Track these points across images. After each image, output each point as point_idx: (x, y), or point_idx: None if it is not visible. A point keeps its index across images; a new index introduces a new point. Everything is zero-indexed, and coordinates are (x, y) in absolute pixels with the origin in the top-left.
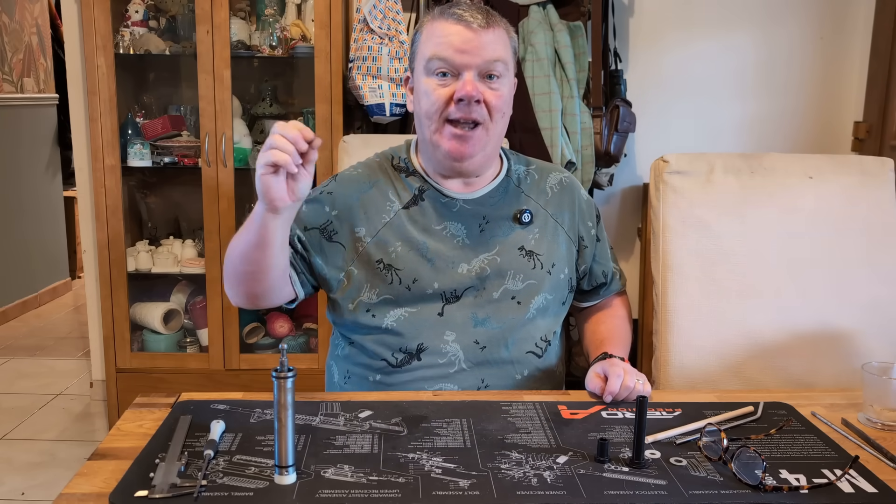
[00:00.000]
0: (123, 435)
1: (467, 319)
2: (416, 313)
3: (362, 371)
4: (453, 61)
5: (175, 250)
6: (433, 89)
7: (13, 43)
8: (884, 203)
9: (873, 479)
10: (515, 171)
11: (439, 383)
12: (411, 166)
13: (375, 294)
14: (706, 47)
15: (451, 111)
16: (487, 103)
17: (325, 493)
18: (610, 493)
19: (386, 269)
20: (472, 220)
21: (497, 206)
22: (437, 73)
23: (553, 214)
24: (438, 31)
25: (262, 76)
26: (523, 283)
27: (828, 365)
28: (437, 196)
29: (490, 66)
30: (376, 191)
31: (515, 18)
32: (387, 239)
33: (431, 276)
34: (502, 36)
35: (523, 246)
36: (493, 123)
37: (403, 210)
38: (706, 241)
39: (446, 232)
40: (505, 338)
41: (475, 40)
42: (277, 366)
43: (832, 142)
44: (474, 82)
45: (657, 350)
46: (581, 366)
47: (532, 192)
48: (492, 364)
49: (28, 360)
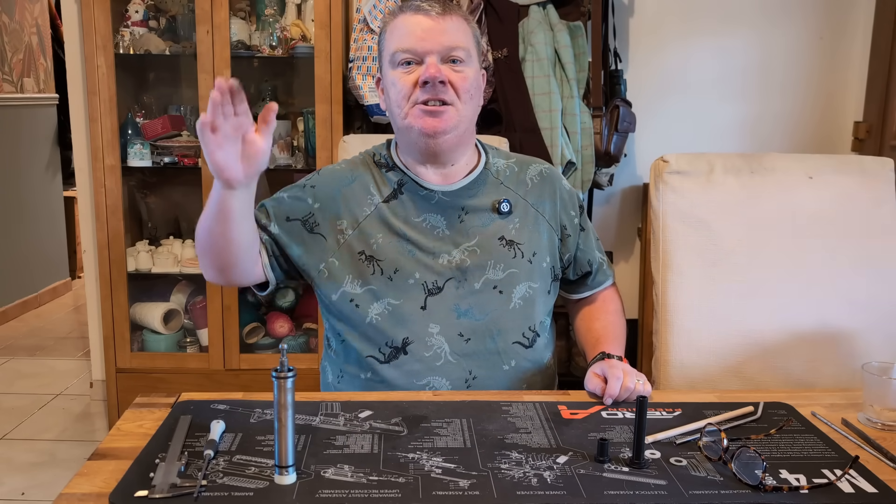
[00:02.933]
0: (123, 435)
1: (450, 311)
2: (399, 306)
3: (354, 369)
4: (415, 49)
5: (175, 250)
6: (399, 78)
7: (13, 43)
8: (884, 203)
9: (873, 479)
10: (494, 164)
11: (427, 377)
12: (391, 161)
13: (358, 285)
14: (706, 47)
15: (417, 94)
16: (453, 84)
17: (325, 493)
18: (610, 493)
19: (367, 260)
20: (452, 211)
21: (476, 198)
22: (402, 64)
23: (534, 204)
24: (399, 24)
25: (262, 76)
26: (504, 273)
27: (828, 365)
28: (416, 189)
29: (451, 51)
30: (358, 184)
31: (515, 18)
32: (368, 231)
33: (412, 266)
34: (461, 24)
35: (503, 235)
36: (463, 104)
37: (384, 203)
38: (706, 241)
39: (426, 224)
40: (489, 329)
41: (435, 27)
42: (277, 366)
43: (832, 142)
44: (437, 65)
45: (657, 350)
46: (581, 366)
47: (511, 183)
48: (478, 355)
49: (28, 360)
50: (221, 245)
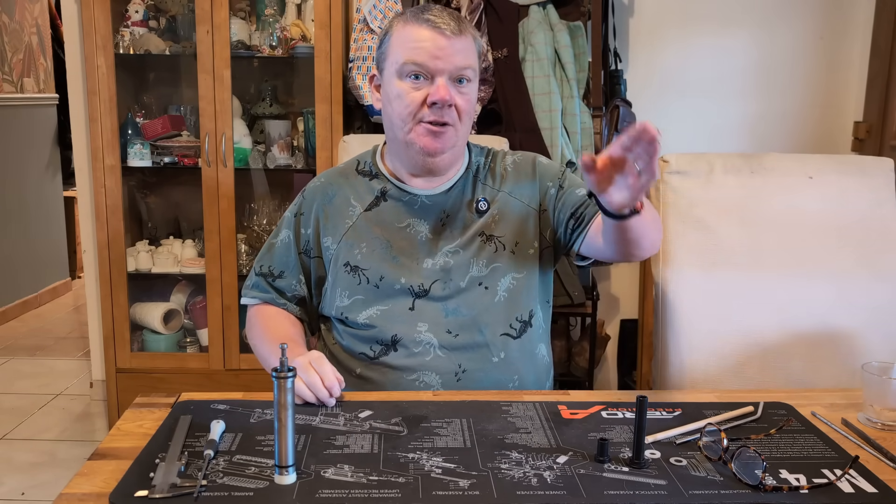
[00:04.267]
0: (123, 435)
1: (438, 311)
2: (387, 311)
3: (347, 366)
4: (427, 66)
5: (175, 250)
6: (407, 92)
7: (13, 43)
8: (884, 203)
9: (873, 479)
10: (476, 163)
11: (417, 371)
12: (375, 169)
13: (346, 297)
14: (706, 47)
15: (424, 114)
16: (457, 107)
17: (325, 493)
18: (610, 493)
19: (353, 270)
20: (433, 215)
21: (457, 199)
22: (410, 76)
23: (510, 192)
24: (411, 35)
25: (262, 76)
26: (488, 268)
27: (828, 365)
28: (400, 194)
29: (461, 72)
30: (339, 198)
31: (515, 18)
32: (351, 242)
33: (397, 273)
34: (471, 43)
35: (483, 231)
36: (462, 125)
37: (365, 212)
38: (706, 241)
39: (410, 229)
40: (476, 323)
41: (448, 47)
42: (277, 365)
43: (832, 142)
44: (447, 87)
45: (657, 350)
46: (581, 366)
47: (488, 180)
48: (467, 349)
49: (28, 360)
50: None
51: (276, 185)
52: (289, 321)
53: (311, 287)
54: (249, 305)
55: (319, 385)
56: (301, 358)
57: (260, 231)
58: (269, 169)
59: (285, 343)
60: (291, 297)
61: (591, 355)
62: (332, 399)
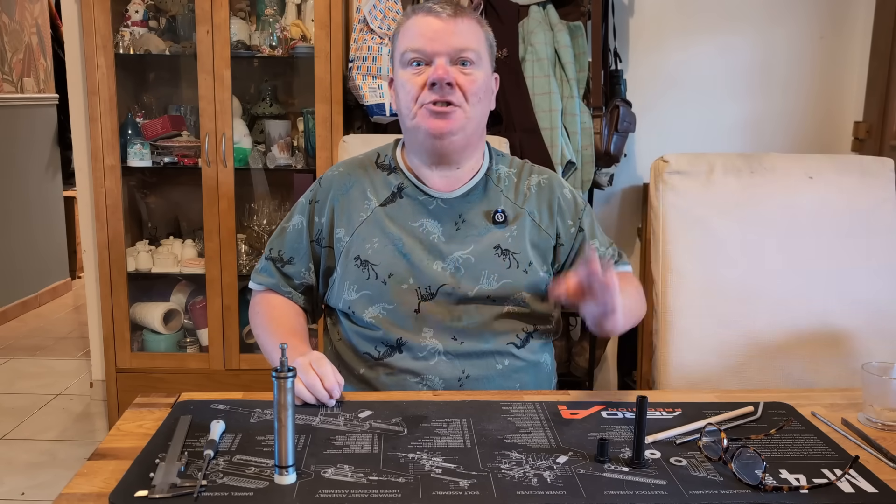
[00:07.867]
0: (123, 435)
1: (444, 317)
2: (393, 310)
3: (350, 365)
4: (424, 49)
5: (175, 250)
6: (408, 79)
7: (13, 43)
8: (884, 203)
9: (873, 479)
10: (496, 170)
11: (420, 375)
12: (394, 164)
13: (355, 290)
14: (706, 47)
15: (425, 95)
16: (461, 86)
17: (325, 493)
18: (610, 493)
19: (363, 264)
20: (448, 218)
21: (474, 205)
22: (411, 64)
23: (530, 213)
24: (411, 25)
25: (262, 76)
26: (498, 283)
27: (828, 365)
28: (416, 193)
29: (460, 53)
30: (356, 190)
31: (515, 18)
32: (364, 236)
33: (407, 271)
34: (473, 26)
35: (499, 245)
36: (470, 107)
37: (380, 207)
38: (706, 241)
39: (423, 229)
40: (482, 332)
41: (445, 29)
42: (277, 365)
43: (832, 142)
44: (445, 66)
45: (657, 350)
46: (581, 366)
47: (510, 192)
48: (471, 356)
49: (28, 360)
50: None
51: (276, 186)
52: (293, 311)
53: (319, 276)
54: (255, 291)
55: (319, 387)
56: (302, 359)
57: (260, 231)
58: (269, 169)
59: (285, 343)
60: (299, 284)
61: (591, 355)
62: (332, 400)
